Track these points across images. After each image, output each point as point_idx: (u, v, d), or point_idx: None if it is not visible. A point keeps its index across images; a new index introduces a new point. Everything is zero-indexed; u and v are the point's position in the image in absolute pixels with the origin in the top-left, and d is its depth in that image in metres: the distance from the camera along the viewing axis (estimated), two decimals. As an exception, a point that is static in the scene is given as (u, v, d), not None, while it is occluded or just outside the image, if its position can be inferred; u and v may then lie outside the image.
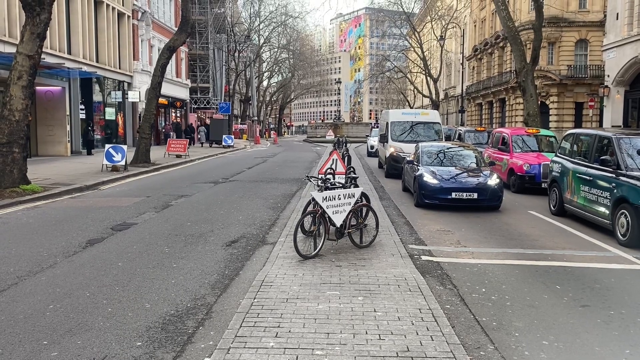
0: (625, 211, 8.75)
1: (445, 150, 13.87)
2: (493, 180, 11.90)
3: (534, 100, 21.38)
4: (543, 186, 14.29)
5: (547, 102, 38.73)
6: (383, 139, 20.25)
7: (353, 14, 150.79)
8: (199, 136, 41.85)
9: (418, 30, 53.93)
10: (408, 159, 14.54)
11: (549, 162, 14.55)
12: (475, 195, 11.58)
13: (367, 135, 35.71)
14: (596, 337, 5.12)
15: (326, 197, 7.45)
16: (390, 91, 78.99)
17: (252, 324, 4.97)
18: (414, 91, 66.34)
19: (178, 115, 46.62)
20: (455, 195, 11.59)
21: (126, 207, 11.98)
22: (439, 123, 20.10)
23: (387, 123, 20.30)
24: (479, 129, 26.33)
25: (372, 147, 30.83)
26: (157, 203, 12.57)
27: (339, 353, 4.38)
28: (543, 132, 17.70)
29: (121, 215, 10.91)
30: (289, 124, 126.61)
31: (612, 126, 26.01)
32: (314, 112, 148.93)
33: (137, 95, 32.22)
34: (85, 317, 5.35)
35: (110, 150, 18.86)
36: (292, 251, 7.42)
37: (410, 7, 54.73)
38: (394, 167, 18.25)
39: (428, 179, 12.02)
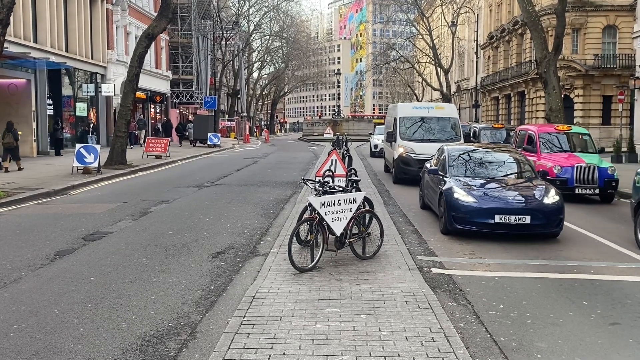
0: None
1: (480, 156, 11.92)
2: (551, 198, 9.94)
3: (557, 94, 21.43)
4: (577, 192, 14.14)
5: (572, 95, 38.86)
6: (390, 137, 19.27)
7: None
8: (187, 134, 42.00)
9: (427, 15, 54.08)
10: (430, 167, 12.45)
11: (583, 164, 14.19)
12: (527, 219, 9.49)
13: (370, 133, 35.87)
14: (628, 358, 5.13)
15: (324, 203, 7.46)
16: (396, 84, 79.25)
17: (241, 345, 4.97)
18: (422, 83, 66.59)
19: (158, 111, 46.62)
20: (500, 219, 9.46)
21: (99, 214, 11.97)
22: (456, 119, 19.21)
23: (395, 119, 19.39)
24: (496, 125, 26.22)
25: (375, 146, 31.00)
26: (135, 210, 12.57)
27: (340, 378, 4.38)
28: (575, 129, 17.32)
29: (94, 224, 10.89)
30: (282, 120, 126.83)
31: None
32: (310, 107, 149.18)
33: (112, 88, 32.08)
34: (54, 339, 5.34)
35: (82, 150, 18.84)
36: (286, 263, 7.42)
37: (418, -11, 54.92)
38: (403, 171, 17.69)
39: (461, 195, 9.99)
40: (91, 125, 31.06)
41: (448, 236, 10.04)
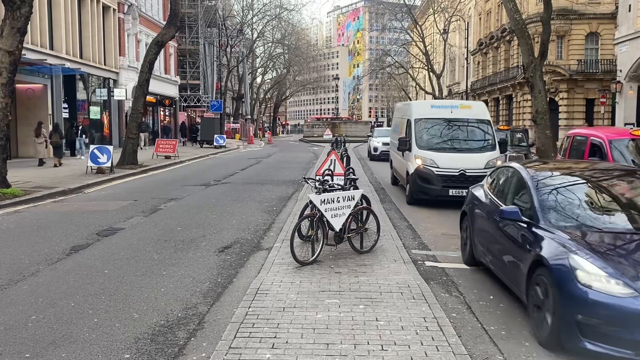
0: None
1: (594, 184, 6.40)
2: None
3: (543, 97, 21.39)
4: None
5: (557, 98, 38.82)
6: (403, 145, 13.97)
7: (351, 7, 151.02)
8: (197, 135, 42.28)
9: (420, 23, 54.01)
10: (491, 200, 7.16)
11: None
12: None
13: (369, 135, 34.87)
14: (611, 346, 5.11)
15: (324, 200, 7.45)
16: (391, 88, 79.17)
17: (247, 334, 4.96)
18: (415, 88, 66.50)
19: (167, 114, 46.63)
20: None
21: (112, 211, 11.95)
22: (488, 120, 14.15)
23: (407, 121, 14.50)
24: (501, 127, 23.32)
25: (375, 149, 28.88)
26: (146, 207, 12.55)
27: (340, 365, 4.37)
28: None
29: (107, 220, 10.88)
30: (284, 122, 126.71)
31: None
32: (310, 110, 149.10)
33: (124, 93, 32.14)
34: (70, 328, 5.33)
35: (95, 151, 18.80)
36: (288, 257, 7.41)
37: (411, -1, 54.84)
38: (421, 190, 13.04)
39: (595, 279, 4.61)
40: (80, 127, 28.30)
41: (441, 231, 9.98)
